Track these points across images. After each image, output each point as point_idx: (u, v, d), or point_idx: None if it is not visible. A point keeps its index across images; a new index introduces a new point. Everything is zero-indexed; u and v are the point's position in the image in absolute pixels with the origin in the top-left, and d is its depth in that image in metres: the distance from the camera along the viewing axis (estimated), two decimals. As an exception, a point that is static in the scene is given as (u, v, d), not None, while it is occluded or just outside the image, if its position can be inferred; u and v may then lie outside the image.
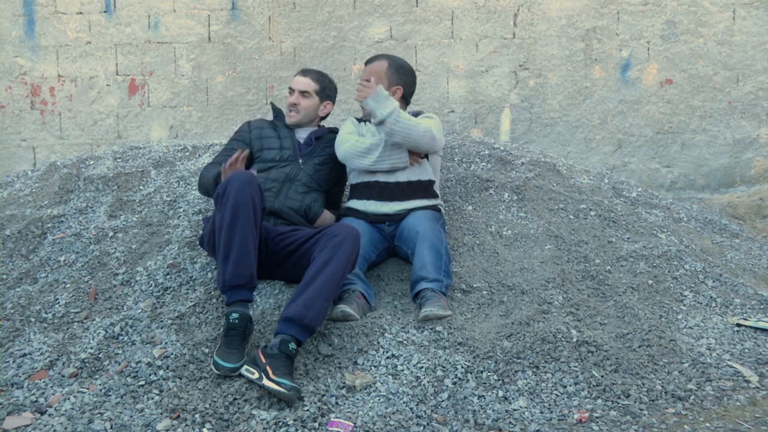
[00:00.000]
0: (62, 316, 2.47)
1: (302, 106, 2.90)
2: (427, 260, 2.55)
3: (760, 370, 2.23)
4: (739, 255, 3.29)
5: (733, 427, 1.92)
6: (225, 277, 2.21)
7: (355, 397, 2.06)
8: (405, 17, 5.09)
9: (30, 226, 3.00)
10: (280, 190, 2.70)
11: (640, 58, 4.97)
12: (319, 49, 5.14)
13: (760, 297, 2.77)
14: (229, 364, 2.08)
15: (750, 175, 4.97)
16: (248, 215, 2.24)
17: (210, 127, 5.25)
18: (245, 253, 2.22)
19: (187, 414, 1.96)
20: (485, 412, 2.01)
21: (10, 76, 5.27)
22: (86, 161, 3.64)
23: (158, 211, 3.07)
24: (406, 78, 2.91)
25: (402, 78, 2.89)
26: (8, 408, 2.00)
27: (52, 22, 5.22)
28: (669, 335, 2.36)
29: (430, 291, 2.49)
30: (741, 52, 4.90)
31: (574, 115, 5.04)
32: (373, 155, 2.76)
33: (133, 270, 2.69)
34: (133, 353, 2.23)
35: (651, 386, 2.12)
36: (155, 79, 5.23)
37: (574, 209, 3.22)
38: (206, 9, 5.18)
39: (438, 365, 2.17)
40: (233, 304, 2.20)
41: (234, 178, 2.28)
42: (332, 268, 2.23)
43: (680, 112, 4.97)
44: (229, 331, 2.14)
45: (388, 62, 2.89)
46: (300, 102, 2.90)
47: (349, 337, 2.31)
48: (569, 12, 4.99)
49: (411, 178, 2.82)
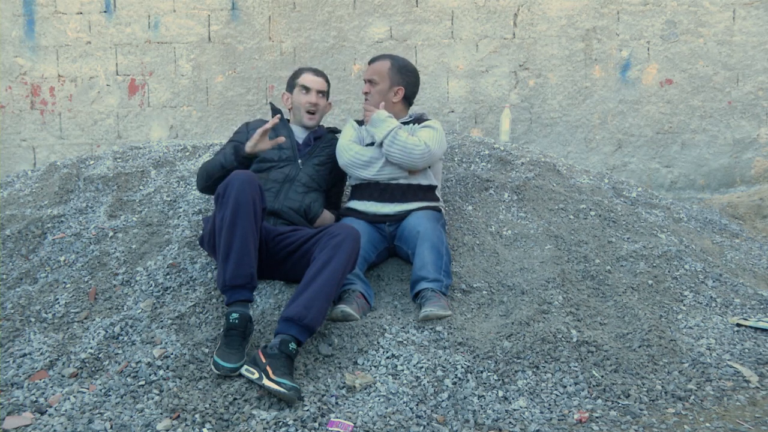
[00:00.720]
0: (62, 316, 2.47)
1: (320, 106, 2.90)
2: (427, 260, 2.55)
3: (760, 370, 2.23)
4: (739, 255, 3.29)
5: (733, 427, 1.92)
6: (225, 276, 2.21)
7: (355, 397, 2.06)
8: (405, 17, 5.09)
9: (30, 226, 3.00)
10: (280, 190, 2.70)
11: (640, 58, 4.97)
12: (319, 49, 5.13)
13: (760, 297, 2.77)
14: (229, 364, 2.08)
15: (750, 175, 4.97)
16: (249, 215, 2.24)
17: (210, 127, 5.25)
18: (245, 252, 2.22)
19: (187, 414, 1.96)
20: (485, 412, 2.01)
21: (10, 76, 5.27)
22: (86, 161, 3.64)
23: (158, 211, 3.07)
24: (408, 78, 2.91)
25: (404, 78, 2.89)
26: (8, 408, 2.00)
27: (52, 22, 5.22)
28: (669, 335, 2.36)
29: (430, 291, 2.48)
30: (741, 52, 4.90)
31: (574, 115, 5.04)
32: (374, 168, 2.77)
33: (133, 270, 2.69)
34: (133, 353, 2.23)
35: (651, 386, 2.12)
36: (155, 79, 5.23)
37: (574, 209, 3.22)
38: (206, 9, 5.18)
39: (438, 365, 2.17)
40: (233, 304, 2.20)
41: (235, 178, 2.28)
42: (332, 268, 2.23)
43: (680, 112, 4.97)
44: (229, 331, 2.14)
45: (390, 62, 2.89)
46: (320, 102, 2.89)
47: (349, 337, 2.31)
48: (569, 12, 4.99)
49: (411, 182, 2.82)
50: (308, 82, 2.86)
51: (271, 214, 2.62)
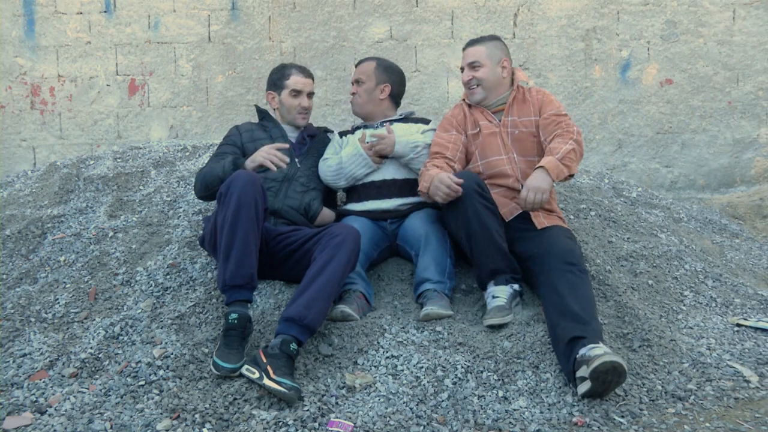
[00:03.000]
0: (62, 316, 2.47)
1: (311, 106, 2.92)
2: (431, 263, 2.56)
3: (760, 370, 2.23)
4: (739, 255, 3.29)
5: (733, 427, 1.92)
6: (225, 276, 2.20)
7: (355, 397, 2.06)
8: (405, 17, 5.09)
9: (30, 226, 3.00)
10: (279, 189, 2.70)
11: (640, 58, 4.97)
12: (319, 49, 5.13)
13: (760, 297, 2.77)
14: (229, 364, 2.08)
15: (750, 175, 4.96)
16: (250, 215, 2.23)
17: (210, 127, 5.25)
18: (246, 253, 2.22)
19: (187, 414, 1.96)
20: (485, 412, 2.01)
21: (10, 76, 5.27)
22: (86, 161, 3.64)
23: (158, 211, 3.07)
24: (394, 77, 2.95)
25: (390, 76, 2.94)
26: (8, 408, 2.00)
27: (52, 22, 5.22)
28: (669, 335, 2.36)
29: (432, 291, 2.49)
30: (741, 52, 4.90)
31: (574, 115, 5.04)
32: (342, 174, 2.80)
33: (133, 270, 2.69)
34: (133, 353, 2.23)
35: (651, 386, 2.12)
36: (155, 79, 5.23)
37: (574, 209, 3.22)
38: (206, 9, 5.18)
39: (438, 365, 2.17)
40: (233, 304, 2.20)
41: (238, 177, 2.28)
42: (333, 268, 2.23)
43: (680, 112, 4.97)
44: (229, 332, 2.14)
45: (376, 62, 2.95)
46: (311, 103, 2.91)
47: (349, 337, 2.31)
48: (569, 12, 4.99)
49: (408, 177, 2.84)
50: (299, 85, 2.85)
51: (271, 213, 2.62)
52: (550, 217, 2.60)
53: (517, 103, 2.74)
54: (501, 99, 2.76)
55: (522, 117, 2.71)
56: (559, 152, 2.45)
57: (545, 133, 2.63)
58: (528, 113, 2.71)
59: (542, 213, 2.58)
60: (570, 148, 2.48)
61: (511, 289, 2.44)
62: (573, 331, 2.08)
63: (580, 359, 2.01)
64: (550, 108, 2.67)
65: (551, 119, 2.63)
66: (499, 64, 2.73)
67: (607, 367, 1.92)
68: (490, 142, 2.71)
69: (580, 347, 2.04)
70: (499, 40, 2.81)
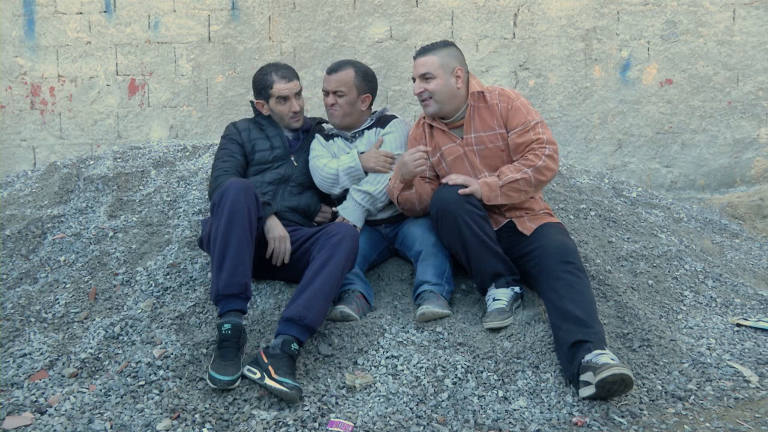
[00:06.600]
0: (62, 316, 2.47)
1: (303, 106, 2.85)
2: (429, 268, 2.55)
3: (760, 370, 2.23)
4: (739, 255, 3.29)
5: (733, 427, 1.92)
6: (218, 285, 2.16)
7: (355, 397, 2.06)
8: (405, 17, 5.09)
9: (30, 226, 3.00)
10: (276, 191, 2.68)
11: (640, 58, 4.97)
12: (319, 49, 5.13)
13: (760, 297, 2.77)
14: (226, 377, 2.04)
15: (750, 175, 4.97)
16: (243, 224, 2.20)
17: (210, 127, 5.25)
18: (240, 262, 2.18)
19: (187, 414, 1.96)
20: (485, 412, 2.01)
21: (10, 76, 5.27)
22: (86, 161, 3.64)
23: (158, 211, 3.07)
24: (373, 84, 2.85)
25: (369, 85, 2.82)
26: (8, 408, 2.00)
27: (52, 22, 5.22)
28: (669, 335, 2.36)
29: (428, 292, 2.49)
30: (741, 52, 4.90)
31: (574, 115, 5.04)
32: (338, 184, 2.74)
33: (133, 270, 2.69)
34: (133, 353, 2.23)
35: (651, 386, 2.12)
36: (155, 79, 5.23)
37: (574, 209, 3.21)
38: (206, 9, 5.17)
39: (438, 365, 2.17)
40: (225, 314, 2.15)
41: (231, 186, 2.25)
42: (331, 268, 2.23)
43: (680, 112, 4.97)
44: (223, 343, 2.10)
45: (354, 70, 2.79)
46: (301, 104, 2.81)
47: (349, 337, 2.31)
48: (569, 12, 4.99)
49: None
50: (284, 92, 2.73)
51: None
52: (536, 218, 2.55)
53: (478, 114, 2.56)
54: (460, 114, 2.59)
55: (487, 131, 2.55)
56: (507, 177, 2.43)
57: (515, 153, 2.51)
58: (491, 125, 2.54)
59: (526, 217, 2.55)
60: (519, 177, 2.42)
61: (512, 291, 2.43)
62: (576, 335, 2.08)
63: (585, 364, 2.01)
64: (518, 119, 2.50)
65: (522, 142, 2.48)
66: (453, 74, 2.53)
67: (616, 379, 1.93)
68: (458, 167, 2.58)
69: (585, 352, 2.03)
70: (452, 46, 2.61)
